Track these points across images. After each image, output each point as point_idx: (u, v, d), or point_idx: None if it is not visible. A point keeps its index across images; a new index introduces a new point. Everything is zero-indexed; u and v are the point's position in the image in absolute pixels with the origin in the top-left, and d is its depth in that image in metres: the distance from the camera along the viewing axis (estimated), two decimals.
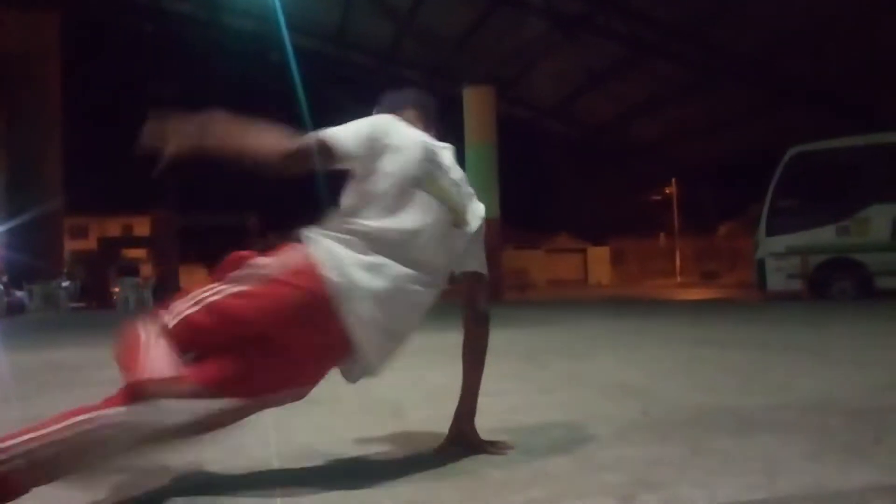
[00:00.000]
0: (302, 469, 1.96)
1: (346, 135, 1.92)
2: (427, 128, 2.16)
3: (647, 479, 1.73)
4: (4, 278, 18.51)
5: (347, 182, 1.98)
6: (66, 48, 23.07)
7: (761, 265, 11.51)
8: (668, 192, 35.42)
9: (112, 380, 2.20)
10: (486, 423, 2.45)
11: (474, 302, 2.14)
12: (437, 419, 2.58)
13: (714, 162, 24.91)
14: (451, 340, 2.31)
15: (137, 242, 37.16)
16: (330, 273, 1.76)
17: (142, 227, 37.24)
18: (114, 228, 40.46)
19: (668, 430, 2.31)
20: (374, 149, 1.93)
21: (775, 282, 11.36)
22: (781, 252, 11.21)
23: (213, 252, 3.92)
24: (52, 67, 22.46)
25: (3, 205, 20.27)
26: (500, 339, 6.04)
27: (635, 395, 3.04)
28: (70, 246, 27.63)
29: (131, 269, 29.55)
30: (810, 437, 2.14)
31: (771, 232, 11.39)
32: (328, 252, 1.80)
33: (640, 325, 7.45)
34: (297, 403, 1.88)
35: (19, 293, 18.41)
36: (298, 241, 1.86)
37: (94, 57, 25.89)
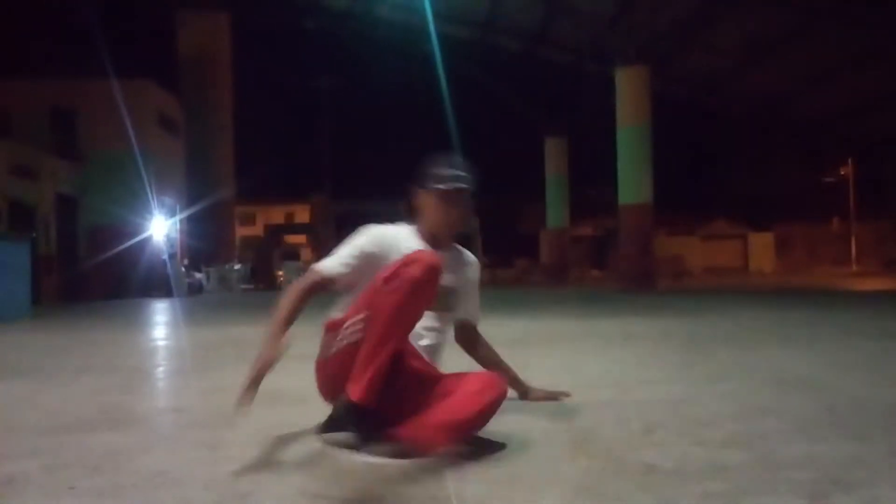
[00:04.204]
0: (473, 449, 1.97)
1: (332, 263, 2.10)
2: (449, 213, 2.17)
3: (840, 478, 1.59)
4: (185, 262, 20.39)
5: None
6: (235, 48, 24.87)
7: None
8: (842, 172, 32.47)
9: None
10: (651, 415, 2.38)
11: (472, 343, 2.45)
12: (594, 405, 2.54)
13: None
14: (608, 327, 2.24)
15: (298, 229, 39.58)
16: None
17: (302, 214, 39.65)
18: (277, 216, 43.21)
19: (859, 427, 2.11)
20: (370, 262, 2.07)
21: None
22: None
23: None
24: (223, 68, 24.31)
25: (183, 195, 22.23)
26: (656, 328, 5.85)
27: (815, 388, 2.81)
28: (240, 232, 29.80)
29: (293, 254, 31.61)
30: None
31: None
32: None
33: (812, 316, 6.90)
34: None
35: (198, 275, 20.21)
36: None
37: (261, 55, 27.71)
